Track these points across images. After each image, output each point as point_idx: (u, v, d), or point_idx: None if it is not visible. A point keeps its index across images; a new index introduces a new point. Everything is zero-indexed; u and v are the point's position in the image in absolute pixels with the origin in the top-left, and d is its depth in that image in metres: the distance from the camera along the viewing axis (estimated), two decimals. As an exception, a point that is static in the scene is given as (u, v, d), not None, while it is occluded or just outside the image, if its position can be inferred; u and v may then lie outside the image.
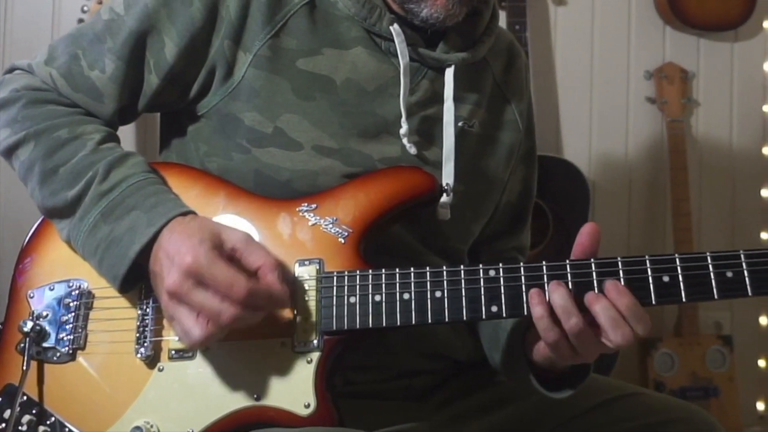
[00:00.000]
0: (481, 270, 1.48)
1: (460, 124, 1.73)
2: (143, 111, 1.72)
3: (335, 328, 1.48)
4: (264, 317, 1.44)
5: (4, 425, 1.51)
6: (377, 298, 1.48)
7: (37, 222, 1.66)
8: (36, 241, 1.65)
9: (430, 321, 1.47)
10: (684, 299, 1.45)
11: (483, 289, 1.47)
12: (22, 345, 1.53)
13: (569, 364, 1.54)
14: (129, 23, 1.63)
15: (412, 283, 1.48)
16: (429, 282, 1.48)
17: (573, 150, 3.84)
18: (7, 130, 1.62)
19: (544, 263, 1.48)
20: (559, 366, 1.55)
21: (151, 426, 1.47)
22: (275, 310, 1.47)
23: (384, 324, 1.47)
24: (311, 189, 1.60)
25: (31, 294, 1.59)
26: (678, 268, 1.45)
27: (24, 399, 1.53)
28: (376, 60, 1.68)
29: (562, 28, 3.88)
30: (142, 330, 1.52)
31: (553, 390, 1.60)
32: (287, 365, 1.47)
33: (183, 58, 1.64)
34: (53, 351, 1.54)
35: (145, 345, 1.51)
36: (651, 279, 1.45)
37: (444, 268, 1.49)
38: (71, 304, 1.56)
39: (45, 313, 1.56)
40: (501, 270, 1.48)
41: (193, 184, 1.61)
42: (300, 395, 1.45)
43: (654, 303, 1.45)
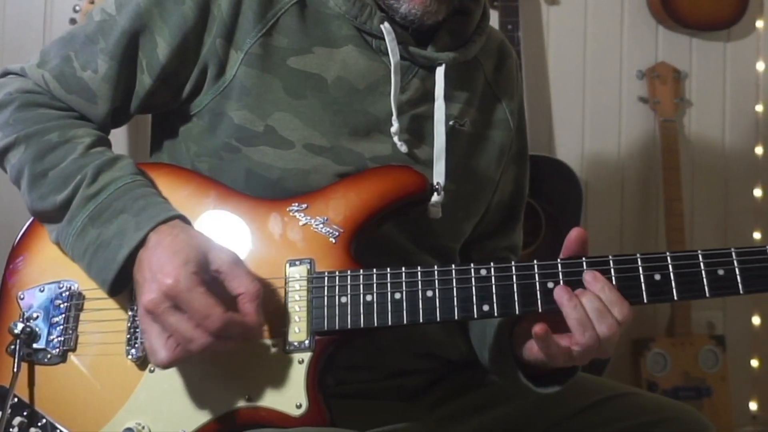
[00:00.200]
0: (473, 269, 1.48)
1: (451, 122, 1.73)
2: (136, 112, 1.71)
3: (326, 328, 1.48)
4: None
5: (-5, 427, 1.51)
6: (368, 298, 1.48)
7: (27, 223, 1.66)
8: (26, 242, 1.65)
9: (421, 321, 1.47)
10: (676, 297, 1.45)
11: (474, 289, 1.47)
12: (12, 347, 1.53)
13: (560, 366, 1.55)
14: (121, 23, 1.63)
15: (403, 283, 1.48)
16: (420, 282, 1.48)
17: (565, 150, 3.83)
18: None
19: (535, 262, 1.48)
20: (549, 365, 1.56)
21: (143, 427, 1.47)
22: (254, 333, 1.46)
23: (375, 324, 1.48)
24: (303, 188, 1.60)
25: (22, 295, 1.58)
26: (669, 266, 1.45)
27: (15, 401, 1.52)
28: (366, 58, 1.68)
29: (554, 27, 3.88)
30: (133, 331, 1.52)
31: (541, 386, 1.61)
32: (279, 366, 1.47)
33: (175, 57, 1.64)
34: (44, 352, 1.54)
35: (136, 346, 1.51)
36: (642, 277, 1.45)
37: (435, 267, 1.49)
38: (62, 305, 1.56)
39: (35, 315, 1.56)
40: (492, 269, 1.48)
41: (184, 184, 1.61)
42: (292, 395, 1.45)
43: (646, 301, 1.46)
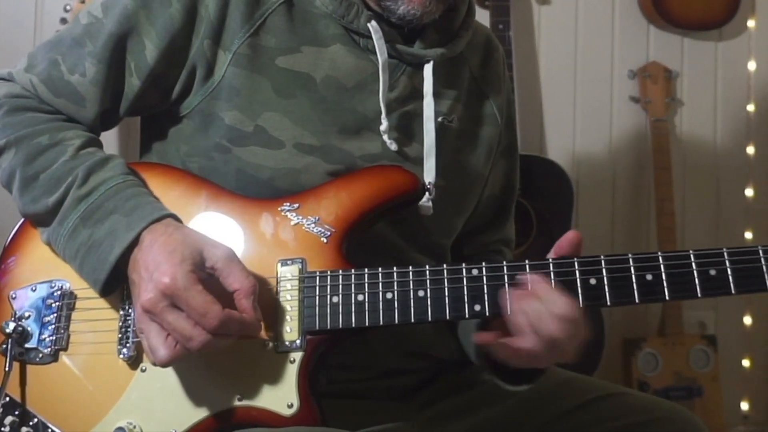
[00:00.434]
0: (464, 269, 1.48)
1: (439, 119, 1.73)
2: (125, 115, 1.71)
3: (318, 327, 1.48)
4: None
5: (-14, 426, 1.51)
6: (360, 297, 1.48)
7: (19, 222, 1.66)
8: (18, 242, 1.64)
9: (413, 320, 1.48)
10: (667, 297, 1.45)
11: (466, 288, 1.47)
12: (4, 346, 1.53)
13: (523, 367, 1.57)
14: (108, 26, 1.63)
15: (395, 283, 1.48)
16: (412, 281, 1.48)
17: (557, 149, 3.83)
18: None
19: (527, 262, 1.48)
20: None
21: (134, 426, 1.47)
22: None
23: (367, 323, 1.48)
24: (294, 187, 1.61)
25: (14, 295, 1.58)
26: (661, 266, 1.45)
27: (6, 400, 1.52)
28: (354, 57, 1.68)
29: (545, 27, 3.87)
30: (124, 331, 1.52)
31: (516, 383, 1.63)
32: (270, 365, 1.47)
33: (163, 59, 1.63)
34: (36, 352, 1.54)
35: (128, 345, 1.51)
36: (634, 277, 1.46)
37: (427, 267, 1.50)
38: (53, 304, 1.56)
39: (27, 314, 1.56)
40: (484, 269, 1.48)
41: (175, 184, 1.61)
42: (283, 395, 1.45)
43: (637, 301, 1.46)
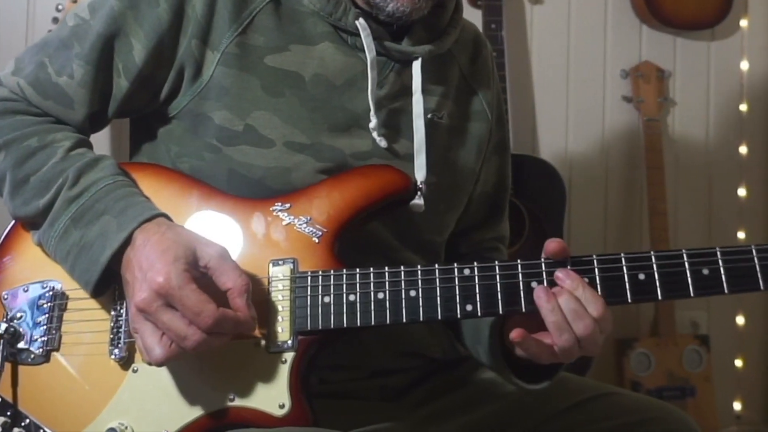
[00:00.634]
0: (456, 269, 1.48)
1: (429, 116, 1.74)
2: (114, 116, 1.71)
3: (310, 328, 1.48)
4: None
5: (-22, 427, 1.51)
6: (351, 297, 1.48)
7: (11, 223, 1.65)
8: (10, 242, 1.64)
9: (404, 320, 1.48)
10: (660, 297, 1.46)
11: (458, 288, 1.47)
12: (-5, 347, 1.53)
13: (547, 363, 1.55)
14: (96, 27, 1.63)
15: (386, 283, 1.48)
16: (403, 281, 1.48)
17: (549, 149, 3.84)
18: None
19: (519, 262, 1.48)
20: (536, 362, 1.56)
21: (126, 427, 1.47)
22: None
23: (359, 324, 1.48)
24: (285, 185, 1.61)
25: (5, 295, 1.58)
26: (654, 265, 1.45)
27: (-2, 401, 1.52)
28: (343, 55, 1.68)
29: (538, 26, 3.88)
30: (116, 331, 1.52)
31: (532, 382, 1.62)
32: (262, 366, 1.47)
33: (151, 59, 1.63)
34: (27, 352, 1.54)
35: (120, 346, 1.51)
36: (627, 277, 1.46)
37: (419, 267, 1.50)
38: (45, 305, 1.55)
39: (19, 315, 1.56)
40: (476, 269, 1.48)
41: (167, 184, 1.60)
42: (275, 396, 1.45)
43: (630, 301, 1.46)
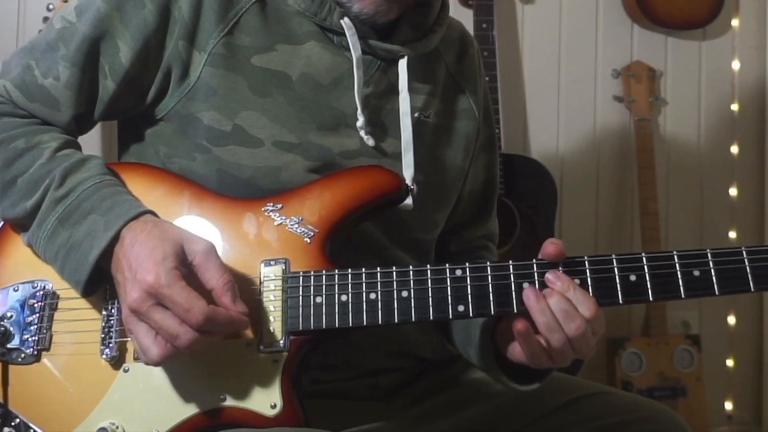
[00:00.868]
0: (448, 270, 1.48)
1: (416, 114, 1.74)
2: (100, 118, 1.71)
3: (301, 328, 1.48)
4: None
5: (-32, 427, 1.50)
6: (343, 298, 1.48)
7: (1, 224, 1.65)
8: (0, 242, 1.64)
9: (396, 321, 1.48)
10: (651, 298, 1.46)
11: (450, 289, 1.47)
12: (-15, 347, 1.52)
13: (543, 367, 1.55)
14: (82, 29, 1.63)
15: (378, 283, 1.48)
16: (395, 282, 1.48)
17: (540, 149, 3.84)
18: None
19: (510, 262, 1.48)
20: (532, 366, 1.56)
21: (117, 427, 1.47)
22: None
23: (350, 324, 1.48)
24: (275, 185, 1.61)
25: (-5, 295, 1.58)
26: (645, 267, 1.46)
27: (-12, 401, 1.52)
28: (329, 54, 1.68)
29: (529, 26, 3.88)
30: (107, 331, 1.51)
31: (524, 383, 1.62)
32: (253, 366, 1.47)
33: (138, 61, 1.63)
34: (18, 352, 1.53)
35: (111, 346, 1.50)
36: (618, 278, 1.46)
37: (411, 267, 1.50)
38: (36, 304, 1.55)
39: (9, 314, 1.55)
40: (467, 269, 1.48)
41: (158, 184, 1.60)
42: (266, 396, 1.45)
43: (621, 302, 1.46)
